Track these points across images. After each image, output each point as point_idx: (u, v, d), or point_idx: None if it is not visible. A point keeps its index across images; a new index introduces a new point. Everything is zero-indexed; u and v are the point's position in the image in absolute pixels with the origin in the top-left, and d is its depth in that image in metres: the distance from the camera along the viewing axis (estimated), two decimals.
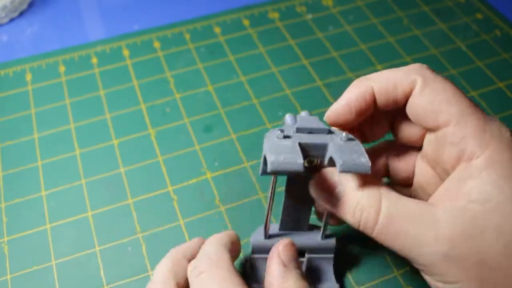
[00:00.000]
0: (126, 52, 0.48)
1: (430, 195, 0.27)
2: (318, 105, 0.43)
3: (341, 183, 0.26)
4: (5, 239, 0.35)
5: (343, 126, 0.28)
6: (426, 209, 0.24)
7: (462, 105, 0.25)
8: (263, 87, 0.45)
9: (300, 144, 0.25)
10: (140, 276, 0.33)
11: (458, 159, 0.25)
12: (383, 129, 0.30)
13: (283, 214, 0.30)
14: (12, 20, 0.52)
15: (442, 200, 0.25)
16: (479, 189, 0.23)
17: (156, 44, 0.49)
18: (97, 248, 0.35)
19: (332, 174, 0.27)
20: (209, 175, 0.39)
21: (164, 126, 0.42)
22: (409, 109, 0.27)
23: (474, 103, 0.26)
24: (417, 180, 0.30)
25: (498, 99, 0.44)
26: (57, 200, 0.37)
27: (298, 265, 0.28)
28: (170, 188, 0.38)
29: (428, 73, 0.26)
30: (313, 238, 0.31)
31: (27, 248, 0.35)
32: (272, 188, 0.28)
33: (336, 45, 0.49)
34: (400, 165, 0.30)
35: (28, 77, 0.46)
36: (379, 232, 0.25)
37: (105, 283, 0.33)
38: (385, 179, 0.33)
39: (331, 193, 0.26)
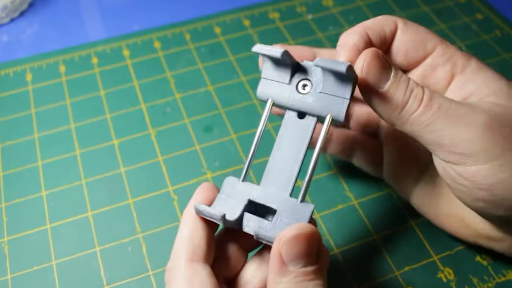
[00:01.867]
0: (126, 52, 0.48)
1: None
2: None
3: (390, 66, 0.26)
4: (5, 239, 0.35)
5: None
6: (454, 99, 0.26)
7: (436, 35, 0.29)
8: None
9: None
10: (140, 276, 0.34)
11: (451, 77, 0.28)
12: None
13: (268, 164, 0.28)
14: (12, 20, 0.52)
15: None
16: (484, 85, 0.27)
17: (157, 44, 0.49)
18: (97, 248, 0.35)
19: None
20: (209, 175, 0.39)
21: (164, 126, 0.42)
22: (399, 44, 0.29)
23: None
24: None
25: None
26: (57, 200, 0.37)
27: (305, 263, 0.23)
28: (170, 188, 0.38)
29: (401, 18, 0.29)
30: (288, 200, 0.26)
31: (28, 248, 0.35)
32: (265, 116, 0.28)
33: (336, 45, 0.49)
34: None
35: (29, 77, 0.46)
36: (424, 108, 0.25)
37: (105, 283, 0.33)
38: None
39: (381, 72, 0.26)
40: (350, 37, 0.28)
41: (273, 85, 0.28)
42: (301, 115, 0.27)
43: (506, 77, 0.28)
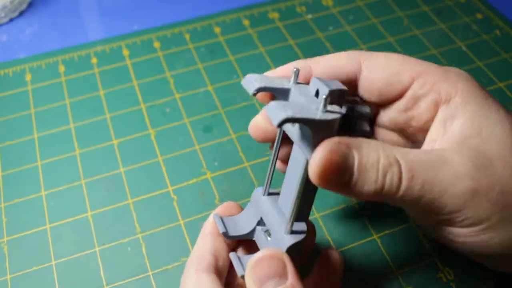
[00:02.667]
0: (126, 52, 0.48)
1: None
2: None
3: (351, 153, 0.23)
4: (5, 239, 0.35)
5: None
6: (434, 153, 0.24)
7: (414, 61, 0.26)
8: None
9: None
10: (140, 276, 0.33)
11: (435, 106, 0.25)
12: None
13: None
14: (11, 20, 0.52)
15: (436, 144, 0.25)
16: (468, 124, 0.24)
17: (156, 44, 0.49)
18: (97, 248, 0.35)
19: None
20: (209, 175, 0.39)
21: (164, 126, 0.42)
22: (366, 86, 0.26)
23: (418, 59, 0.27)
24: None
25: (498, 99, 0.43)
26: (57, 200, 0.37)
27: (275, 284, 0.23)
28: (170, 188, 0.38)
29: (364, 52, 0.27)
30: (280, 227, 0.26)
31: (27, 248, 0.35)
32: (277, 139, 0.27)
33: (336, 45, 0.49)
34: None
35: (28, 77, 0.46)
36: (406, 189, 0.23)
37: (105, 283, 0.33)
38: None
39: (342, 169, 0.23)
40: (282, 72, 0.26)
41: None
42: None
43: (506, 77, 0.28)
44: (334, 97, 0.23)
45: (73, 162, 0.40)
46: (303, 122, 0.21)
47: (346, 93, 0.24)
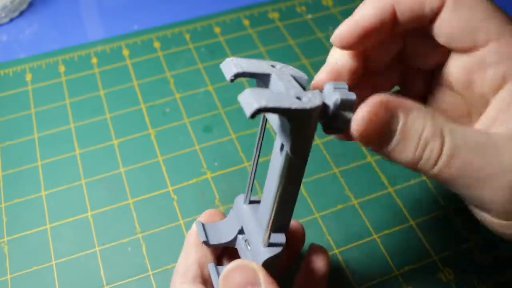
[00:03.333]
0: (126, 52, 0.48)
1: (456, 120, 0.24)
2: None
3: (397, 115, 0.21)
4: (5, 239, 0.35)
5: (350, 48, 0.25)
6: (486, 137, 0.22)
7: (500, 21, 0.22)
8: None
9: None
10: (140, 276, 0.33)
11: (502, 81, 0.22)
12: (390, 52, 0.26)
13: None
14: (12, 20, 0.52)
15: (494, 125, 0.22)
16: None
17: (156, 44, 0.49)
18: (97, 248, 0.35)
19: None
20: (209, 175, 0.39)
21: (164, 126, 0.42)
22: (440, 28, 0.23)
23: (509, 16, 0.23)
24: (436, 103, 0.27)
25: None
26: (57, 200, 0.37)
27: None
28: (170, 188, 0.38)
29: None
30: (258, 240, 0.25)
31: (27, 248, 0.35)
32: (259, 134, 0.25)
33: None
34: (412, 82, 0.28)
35: (28, 77, 0.46)
36: (443, 166, 0.21)
37: (105, 283, 0.33)
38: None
39: (385, 130, 0.21)
40: (366, 12, 0.24)
41: None
42: (281, 147, 0.24)
43: None
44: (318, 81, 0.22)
45: (73, 162, 0.40)
46: (278, 112, 0.19)
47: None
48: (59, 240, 0.35)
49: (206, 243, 0.27)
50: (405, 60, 0.27)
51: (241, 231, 0.27)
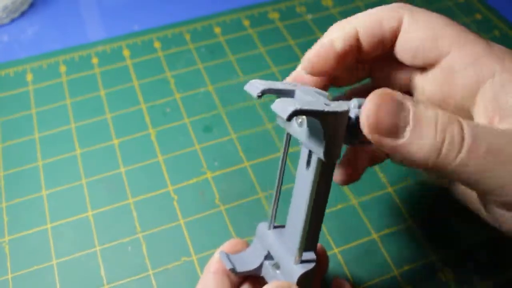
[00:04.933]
0: (126, 52, 0.48)
1: None
2: None
3: (406, 102, 0.20)
4: (6, 238, 0.35)
5: (319, 74, 0.25)
6: (503, 128, 0.20)
7: (458, 29, 0.22)
8: None
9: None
10: (140, 276, 0.34)
11: (477, 83, 0.21)
12: (358, 77, 0.27)
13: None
14: (13, 20, 0.52)
15: (499, 121, 0.21)
16: None
17: (157, 44, 0.49)
18: (98, 248, 0.35)
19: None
20: (209, 175, 0.39)
21: (164, 126, 0.42)
22: (402, 46, 0.23)
23: (462, 26, 0.23)
24: None
25: None
26: (57, 200, 0.37)
27: None
28: (170, 188, 0.38)
29: (412, 7, 0.24)
30: (289, 259, 0.26)
31: (28, 248, 0.35)
32: (283, 153, 0.26)
33: None
34: None
35: (29, 77, 0.46)
36: (468, 151, 0.19)
37: (105, 283, 0.33)
38: None
39: (396, 118, 0.20)
40: (330, 38, 0.24)
41: None
42: (308, 163, 0.25)
43: None
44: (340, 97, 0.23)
45: (74, 162, 0.40)
46: (313, 114, 0.20)
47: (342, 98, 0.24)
48: (59, 239, 0.35)
49: (233, 270, 0.27)
50: (375, 84, 0.27)
51: (267, 257, 0.27)
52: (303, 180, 0.25)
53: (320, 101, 0.22)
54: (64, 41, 0.50)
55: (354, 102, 0.23)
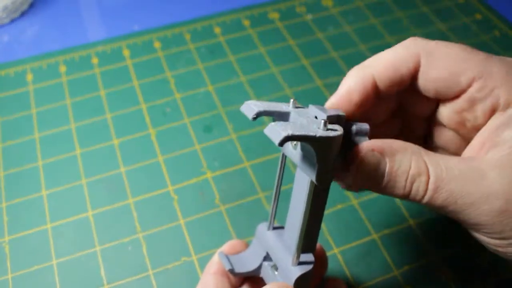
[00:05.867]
0: (126, 52, 0.48)
1: (454, 153, 0.27)
2: (318, 104, 0.43)
3: (383, 160, 0.23)
4: (6, 238, 0.35)
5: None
6: (470, 165, 0.23)
7: (477, 58, 0.24)
8: (263, 87, 0.45)
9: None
10: (140, 275, 0.34)
11: (492, 112, 0.24)
12: (385, 110, 0.28)
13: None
14: (13, 20, 0.52)
15: (481, 152, 0.24)
16: None
17: (157, 44, 0.49)
18: (98, 248, 0.35)
19: (372, 154, 0.24)
20: (209, 175, 0.39)
21: (164, 126, 0.42)
22: (424, 85, 0.25)
23: (485, 52, 0.25)
24: (434, 141, 0.29)
25: None
26: (57, 200, 0.37)
27: None
28: (170, 188, 0.38)
29: (426, 43, 0.25)
30: (288, 260, 0.26)
31: (28, 248, 0.35)
32: (280, 169, 0.27)
33: (336, 45, 0.49)
34: (411, 128, 0.29)
35: (29, 77, 0.46)
36: (430, 198, 0.23)
37: (105, 283, 0.33)
38: None
39: (374, 174, 0.24)
40: (348, 85, 0.26)
41: None
42: (304, 178, 0.26)
43: None
44: (333, 120, 0.23)
45: (74, 162, 0.40)
46: (305, 140, 0.21)
47: (343, 118, 0.24)
48: (59, 239, 0.35)
49: (231, 271, 0.27)
50: (402, 111, 0.29)
51: (266, 258, 0.28)
52: (300, 191, 0.25)
53: (314, 125, 0.22)
54: (64, 41, 0.50)
55: (353, 128, 0.24)
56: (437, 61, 0.25)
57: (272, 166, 0.39)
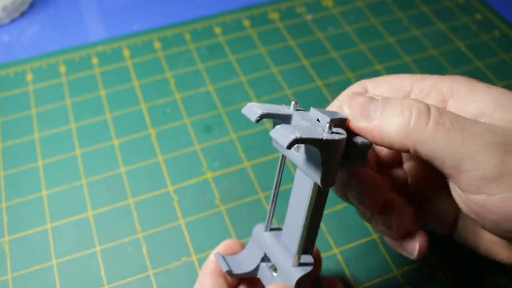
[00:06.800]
0: (126, 52, 0.48)
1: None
2: (318, 105, 0.43)
3: (375, 98, 0.24)
4: (6, 238, 0.35)
5: None
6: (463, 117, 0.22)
7: (408, 77, 0.26)
8: (263, 87, 0.45)
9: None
10: (140, 276, 0.34)
11: (443, 102, 0.25)
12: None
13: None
14: (13, 20, 0.52)
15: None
16: (483, 105, 0.23)
17: (157, 44, 0.49)
18: (98, 248, 0.35)
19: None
20: (209, 175, 0.39)
21: (164, 126, 0.42)
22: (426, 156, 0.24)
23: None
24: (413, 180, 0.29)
25: None
26: (57, 200, 0.37)
27: None
28: (170, 188, 0.38)
29: (373, 79, 0.27)
30: (287, 261, 0.26)
31: (28, 248, 0.35)
32: (279, 168, 0.27)
33: (336, 45, 0.49)
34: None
35: (29, 77, 0.46)
36: (434, 128, 0.21)
37: (105, 283, 0.33)
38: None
39: (367, 107, 0.23)
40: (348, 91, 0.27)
41: None
42: (306, 180, 0.26)
43: (506, 77, 0.28)
44: (336, 123, 0.23)
45: (74, 162, 0.40)
46: (311, 143, 0.21)
47: (345, 121, 0.24)
48: (59, 239, 0.35)
49: (229, 272, 0.27)
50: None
51: (263, 259, 0.27)
52: (301, 192, 0.25)
53: (318, 128, 0.22)
54: (64, 41, 0.50)
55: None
56: (382, 82, 0.26)
57: (272, 166, 0.39)
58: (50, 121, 0.42)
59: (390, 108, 0.23)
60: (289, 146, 0.20)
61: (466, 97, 0.24)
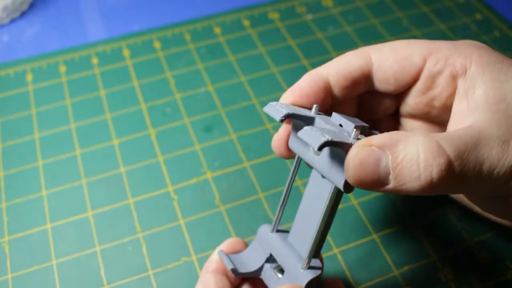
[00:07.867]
0: (126, 52, 0.48)
1: None
2: None
3: (384, 154, 0.21)
4: (6, 238, 0.35)
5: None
6: (472, 130, 0.22)
7: (423, 42, 0.26)
8: (263, 87, 0.45)
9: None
10: (140, 276, 0.34)
11: (454, 79, 0.25)
12: (350, 110, 0.29)
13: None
14: (13, 20, 0.52)
15: (467, 119, 0.23)
16: (490, 92, 0.23)
17: (157, 44, 0.49)
18: (98, 248, 0.35)
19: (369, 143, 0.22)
20: (209, 175, 0.39)
21: (164, 126, 0.42)
22: (380, 76, 0.26)
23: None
24: None
25: None
26: (57, 200, 0.37)
27: None
28: (170, 188, 0.38)
29: (372, 46, 0.26)
30: (296, 263, 0.26)
31: (28, 248, 0.35)
32: (293, 171, 0.27)
33: (336, 45, 0.49)
34: (379, 125, 0.30)
35: (29, 77, 0.46)
36: (460, 174, 0.21)
37: (105, 283, 0.33)
38: None
39: (377, 172, 0.21)
40: (297, 86, 0.26)
41: (299, 141, 0.26)
42: (324, 183, 0.26)
43: None
44: (359, 129, 0.23)
45: (74, 162, 0.40)
46: (341, 146, 0.21)
47: (367, 129, 0.24)
48: (59, 239, 0.35)
49: (234, 271, 0.27)
50: (366, 115, 0.29)
51: (268, 260, 0.27)
52: (315, 200, 0.25)
53: (344, 132, 0.23)
54: (64, 41, 0.50)
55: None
56: (387, 52, 0.26)
57: (272, 166, 0.39)
58: (50, 121, 0.42)
59: (405, 173, 0.20)
60: (320, 148, 0.20)
61: (477, 79, 0.24)
